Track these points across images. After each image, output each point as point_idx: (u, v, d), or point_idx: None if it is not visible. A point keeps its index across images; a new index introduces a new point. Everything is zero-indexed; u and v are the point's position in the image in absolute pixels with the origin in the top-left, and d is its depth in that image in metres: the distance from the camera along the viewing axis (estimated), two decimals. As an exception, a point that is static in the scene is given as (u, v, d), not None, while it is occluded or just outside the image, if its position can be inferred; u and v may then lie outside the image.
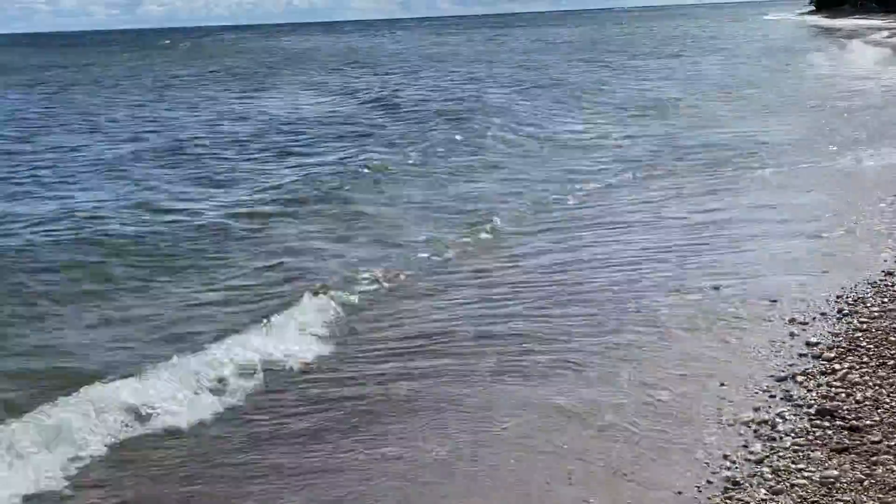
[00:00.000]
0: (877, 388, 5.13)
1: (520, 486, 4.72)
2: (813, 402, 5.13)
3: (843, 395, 5.13)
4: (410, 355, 6.59)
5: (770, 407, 5.22)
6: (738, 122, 18.65)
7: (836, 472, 4.36)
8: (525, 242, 9.72)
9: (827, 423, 4.83)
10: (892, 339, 5.80)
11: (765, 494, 4.27)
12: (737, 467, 4.58)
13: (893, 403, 4.89)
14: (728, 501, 4.28)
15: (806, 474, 4.38)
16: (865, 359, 5.58)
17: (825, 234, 9.02)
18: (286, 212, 11.44)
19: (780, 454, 4.62)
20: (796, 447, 4.65)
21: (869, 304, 6.59)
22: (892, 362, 5.42)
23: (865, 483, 4.25)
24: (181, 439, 5.46)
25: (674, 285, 7.91)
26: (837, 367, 5.53)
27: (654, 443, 5.03)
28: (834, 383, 5.30)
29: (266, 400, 5.94)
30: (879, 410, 4.84)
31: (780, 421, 4.99)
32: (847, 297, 6.87)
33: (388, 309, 7.66)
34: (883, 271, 7.41)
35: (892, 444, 4.54)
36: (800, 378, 5.52)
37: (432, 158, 15.35)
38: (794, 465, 4.48)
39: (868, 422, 4.74)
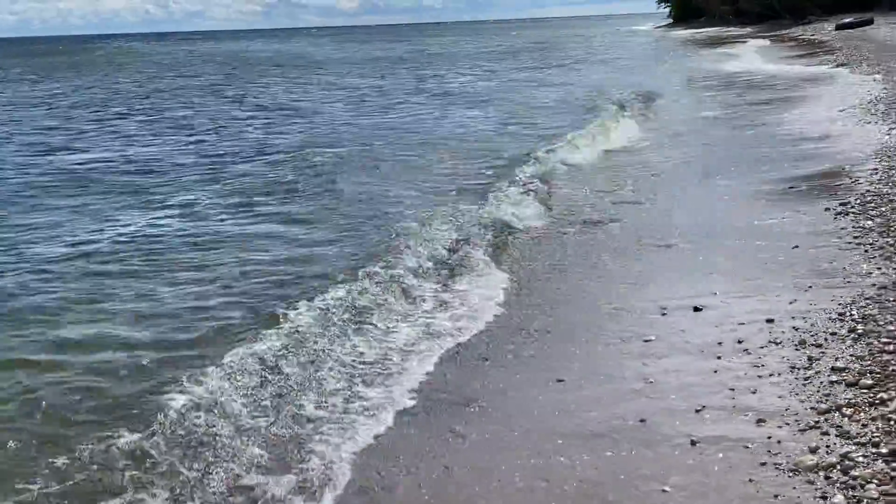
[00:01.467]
0: (945, 422, 4.70)
1: None
2: (877, 439, 4.65)
3: (911, 430, 4.67)
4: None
5: (829, 447, 4.72)
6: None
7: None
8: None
9: (909, 467, 4.35)
10: (933, 362, 5.39)
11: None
12: (826, 525, 4.06)
13: (980, 441, 4.44)
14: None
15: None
16: (913, 386, 5.15)
17: (789, 246, 8.71)
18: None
19: (872, 507, 4.11)
20: (888, 498, 4.14)
21: (881, 323, 6.20)
22: (947, 391, 4.99)
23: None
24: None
25: (652, 308, 7.44)
26: (885, 396, 5.08)
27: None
28: (891, 416, 4.85)
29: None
30: (966, 448, 4.39)
31: (851, 464, 4.48)
32: (851, 315, 6.48)
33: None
34: (873, 285, 7.08)
35: None
36: (847, 410, 5.05)
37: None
38: (893, 520, 3.99)
39: (961, 464, 4.28)
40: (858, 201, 9.81)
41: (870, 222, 8.89)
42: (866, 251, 8.04)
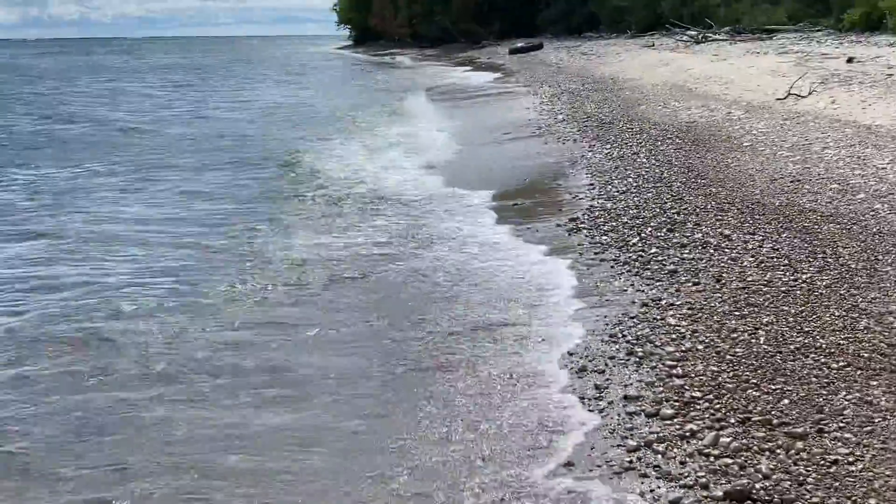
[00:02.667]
0: (769, 454, 4.38)
1: None
2: (704, 480, 4.23)
3: (737, 467, 4.29)
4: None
5: (654, 492, 4.23)
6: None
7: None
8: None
9: (751, 511, 3.95)
10: (729, 386, 5.14)
11: None
12: None
13: (816, 475, 4.13)
14: None
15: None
16: (717, 415, 4.83)
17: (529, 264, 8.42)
18: None
19: (726, 564, 3.64)
20: (742, 551, 3.70)
21: (659, 344, 5.93)
22: (757, 418, 4.72)
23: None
24: None
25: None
26: (694, 428, 4.72)
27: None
28: (710, 451, 4.47)
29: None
30: (807, 487, 4.06)
31: (685, 513, 4.02)
32: (625, 336, 6.17)
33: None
34: (633, 302, 6.88)
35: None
36: (658, 447, 4.62)
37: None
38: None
39: (805, 504, 3.94)
40: (587, 216, 9.79)
41: (606, 237, 8.84)
42: (612, 267, 7.90)
